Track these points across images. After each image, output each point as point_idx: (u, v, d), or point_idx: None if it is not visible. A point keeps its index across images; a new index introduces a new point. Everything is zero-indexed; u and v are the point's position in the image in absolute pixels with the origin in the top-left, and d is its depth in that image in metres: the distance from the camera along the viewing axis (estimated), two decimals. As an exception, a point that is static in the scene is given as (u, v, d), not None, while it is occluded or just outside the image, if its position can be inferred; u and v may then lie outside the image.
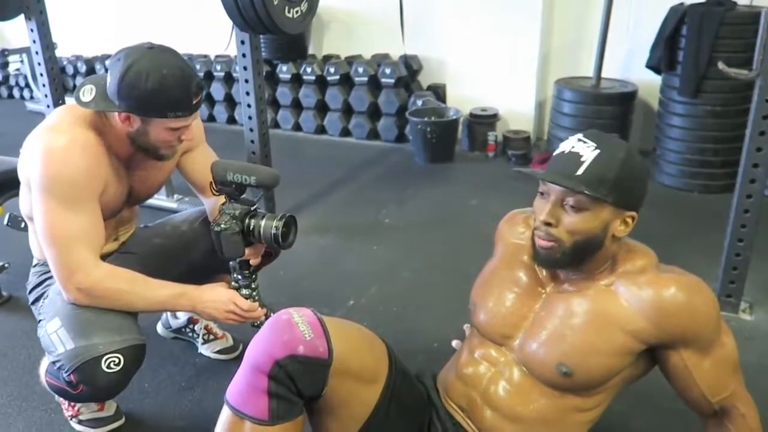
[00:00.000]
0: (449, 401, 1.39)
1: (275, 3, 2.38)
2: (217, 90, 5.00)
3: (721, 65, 2.12)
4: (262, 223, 1.53)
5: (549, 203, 1.21)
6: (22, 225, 2.72)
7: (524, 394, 1.29)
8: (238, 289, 1.62)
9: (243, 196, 1.57)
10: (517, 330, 1.32)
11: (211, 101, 5.07)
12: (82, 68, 5.64)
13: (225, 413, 1.21)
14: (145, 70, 1.43)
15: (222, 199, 1.59)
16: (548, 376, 1.26)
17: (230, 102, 5.01)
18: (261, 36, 3.08)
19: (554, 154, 1.24)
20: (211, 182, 1.54)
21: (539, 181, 1.24)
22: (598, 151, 1.18)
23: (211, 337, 2.12)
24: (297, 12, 2.54)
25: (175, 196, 3.37)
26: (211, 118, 5.10)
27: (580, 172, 1.17)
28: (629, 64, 3.94)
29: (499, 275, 1.40)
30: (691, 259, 2.52)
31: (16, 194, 2.46)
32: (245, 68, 2.76)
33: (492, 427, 1.31)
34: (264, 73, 2.96)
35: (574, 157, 1.18)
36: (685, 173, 3.49)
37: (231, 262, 1.63)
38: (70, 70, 5.72)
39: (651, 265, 1.25)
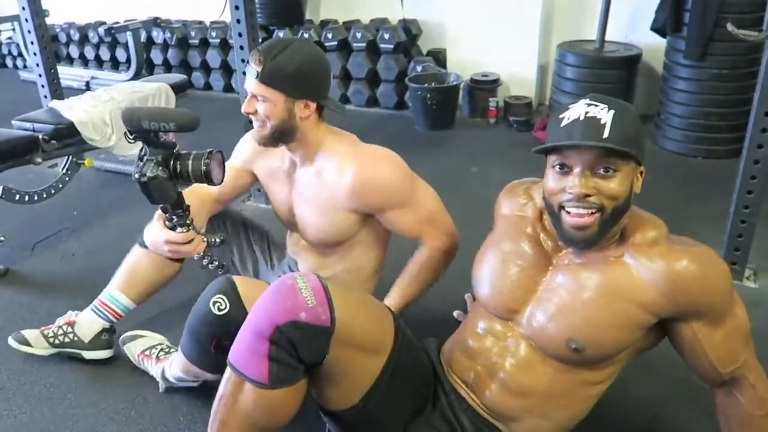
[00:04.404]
0: (453, 375, 1.38)
1: (269, -34, 2.31)
2: (213, 57, 4.90)
3: (730, 27, 2.05)
4: (190, 163, 1.49)
5: (576, 176, 1.16)
6: (17, 197, 2.70)
7: (532, 369, 1.27)
8: (173, 228, 1.62)
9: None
10: (524, 305, 1.29)
11: (207, 69, 4.98)
12: (75, 36, 5.53)
13: (227, 372, 1.21)
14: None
15: None
16: (558, 352, 1.24)
17: (226, 69, 4.91)
18: (256, 1, 3.00)
19: (564, 124, 1.17)
20: (125, 132, 1.52)
21: (555, 155, 1.19)
22: (612, 111, 1.15)
23: None
24: (292, -25, 2.47)
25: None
26: (207, 86, 5.00)
27: (606, 134, 1.13)
28: (633, 27, 3.85)
29: (502, 249, 1.36)
30: (695, 226, 2.50)
31: (11, 166, 2.44)
32: (240, 35, 2.69)
33: (498, 402, 1.30)
34: (260, 40, 2.89)
35: (594, 122, 1.14)
36: (689, 138, 3.43)
37: (162, 205, 1.61)
38: (62, 38, 5.60)
39: (662, 236, 1.22)
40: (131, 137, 1.51)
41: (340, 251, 1.72)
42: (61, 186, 2.94)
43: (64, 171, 2.97)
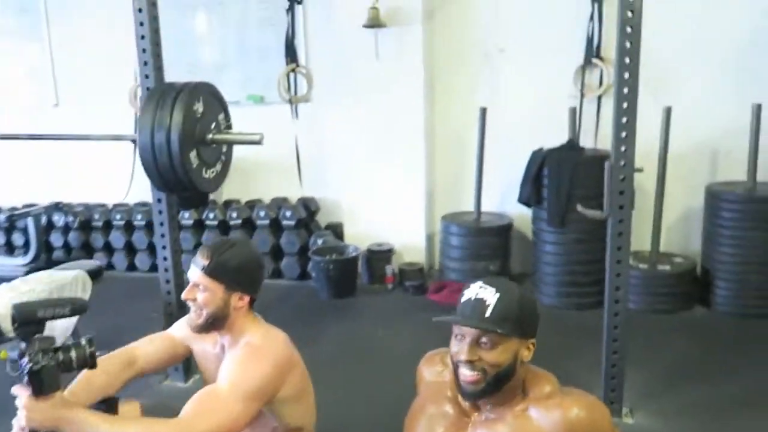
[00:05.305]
0: None
1: (194, 166, 2.61)
2: (117, 238, 5.02)
3: (579, 208, 2.54)
4: (73, 353, 1.55)
5: (466, 344, 1.44)
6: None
7: None
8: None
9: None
10: None
11: (110, 250, 5.08)
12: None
13: None
14: None
15: None
16: None
17: (129, 249, 5.03)
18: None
19: (462, 300, 1.48)
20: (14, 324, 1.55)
21: (453, 325, 1.48)
22: (498, 294, 1.44)
23: None
24: (213, 173, 2.78)
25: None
26: (110, 266, 5.05)
27: (488, 314, 1.42)
28: (504, 199, 4.45)
29: (427, 413, 1.60)
30: (576, 372, 2.82)
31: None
32: (162, 224, 2.93)
33: None
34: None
35: (481, 303, 1.43)
36: (560, 293, 3.93)
37: None
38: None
39: (555, 389, 1.50)
40: (18, 331, 1.54)
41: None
42: (-29, 380, 2.87)
43: (-25, 364, 2.92)
